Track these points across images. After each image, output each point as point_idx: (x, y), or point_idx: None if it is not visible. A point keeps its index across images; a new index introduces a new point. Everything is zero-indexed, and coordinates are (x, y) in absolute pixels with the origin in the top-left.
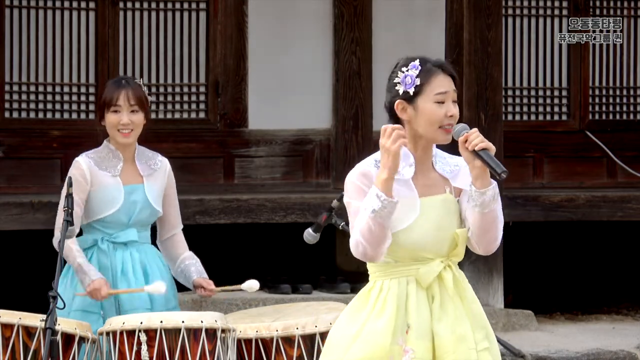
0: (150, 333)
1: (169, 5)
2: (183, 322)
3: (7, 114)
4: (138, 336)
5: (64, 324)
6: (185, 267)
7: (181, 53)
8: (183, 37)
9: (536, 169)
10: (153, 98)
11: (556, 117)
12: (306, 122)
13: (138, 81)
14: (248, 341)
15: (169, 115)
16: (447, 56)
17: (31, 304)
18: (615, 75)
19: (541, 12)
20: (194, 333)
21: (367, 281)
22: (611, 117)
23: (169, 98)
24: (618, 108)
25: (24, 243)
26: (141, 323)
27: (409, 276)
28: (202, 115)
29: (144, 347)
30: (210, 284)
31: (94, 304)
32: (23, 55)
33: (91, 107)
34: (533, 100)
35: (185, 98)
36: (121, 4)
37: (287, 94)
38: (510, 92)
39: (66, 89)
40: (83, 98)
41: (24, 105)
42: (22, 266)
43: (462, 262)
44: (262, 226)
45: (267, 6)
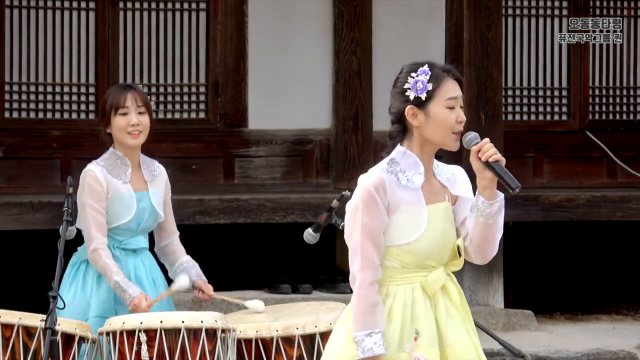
0: (150, 333)
1: (169, 5)
2: (183, 322)
3: (7, 114)
4: (138, 336)
5: (64, 324)
6: (184, 269)
7: (181, 53)
8: (183, 37)
9: (536, 169)
10: (153, 98)
11: (556, 117)
12: (306, 122)
13: (140, 85)
14: (248, 341)
15: (169, 115)
16: (447, 56)
17: (31, 304)
18: (615, 75)
19: (541, 12)
20: (194, 333)
21: None
22: (611, 117)
23: (169, 98)
24: (618, 108)
25: (24, 243)
26: (141, 323)
27: (415, 283)
28: (202, 115)
29: (144, 347)
30: (209, 289)
31: (110, 310)
32: (23, 55)
33: (91, 107)
34: (533, 100)
35: (185, 98)
36: (121, 4)
37: (287, 94)
38: (510, 92)
39: (66, 89)
40: (83, 98)
41: (24, 105)
42: (22, 266)
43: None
44: (262, 226)
45: (267, 6)
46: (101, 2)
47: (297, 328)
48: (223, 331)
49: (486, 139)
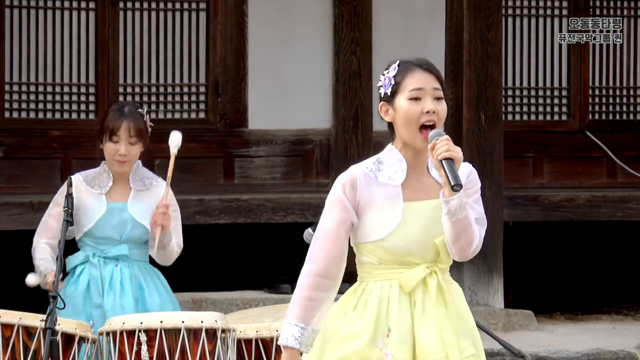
0: (150, 333)
1: (169, 5)
2: (183, 322)
3: (7, 114)
4: (138, 336)
5: (64, 324)
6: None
7: (181, 53)
8: (183, 37)
9: (536, 169)
10: (153, 98)
11: (556, 117)
12: (306, 122)
13: (141, 111)
14: (248, 341)
15: (169, 115)
16: (447, 56)
17: (31, 304)
18: (615, 75)
19: (541, 12)
20: (194, 333)
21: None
22: (611, 117)
23: (169, 98)
24: (618, 108)
25: (24, 243)
26: (141, 323)
27: (392, 279)
28: (202, 115)
29: (144, 347)
30: (162, 204)
31: (81, 313)
32: (23, 55)
33: (91, 107)
34: (533, 100)
35: (185, 98)
36: (121, 4)
37: (287, 94)
38: (510, 92)
39: (66, 89)
40: (83, 98)
41: (24, 105)
42: (22, 266)
43: (463, 262)
44: (262, 226)
45: (267, 6)
46: (101, 2)
47: None
48: (223, 331)
49: (444, 137)
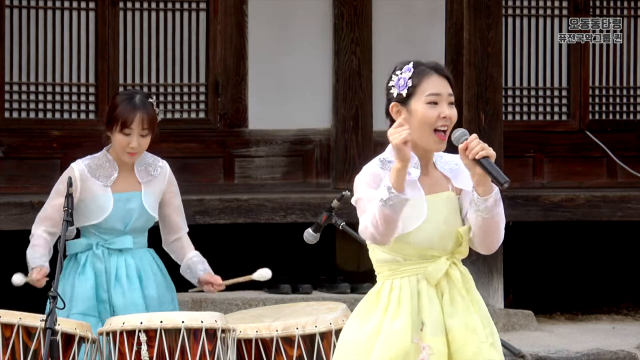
0: (150, 333)
1: (169, 5)
2: (183, 322)
3: (7, 114)
4: (138, 336)
5: (64, 324)
6: (191, 264)
7: (181, 53)
8: (183, 37)
9: (536, 169)
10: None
11: (556, 117)
12: (306, 122)
13: (151, 100)
14: (248, 341)
15: (169, 115)
16: (447, 56)
17: (31, 304)
18: (615, 75)
19: (541, 12)
20: (194, 333)
21: (367, 281)
22: (611, 117)
23: (169, 98)
24: (618, 108)
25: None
26: (141, 323)
27: (418, 274)
28: (202, 115)
29: (144, 347)
30: (217, 280)
31: (94, 308)
32: (23, 55)
33: (91, 107)
34: (533, 100)
35: (185, 98)
36: (121, 4)
37: (287, 94)
38: (510, 92)
39: (66, 89)
40: (83, 98)
41: (24, 105)
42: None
43: (463, 262)
44: (262, 226)
45: (267, 6)
46: (101, 2)
47: (297, 328)
48: (223, 331)
49: (474, 135)
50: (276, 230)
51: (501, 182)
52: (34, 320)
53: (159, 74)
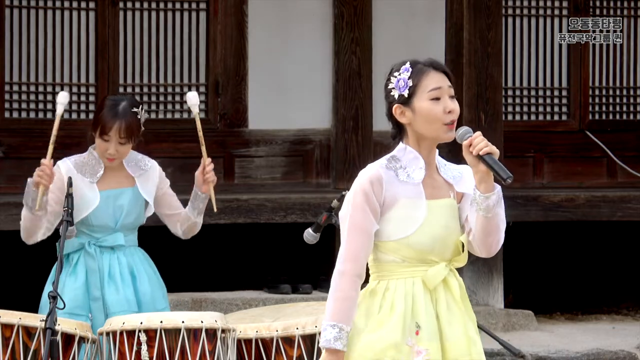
0: (150, 333)
1: (169, 5)
2: (183, 322)
3: (7, 114)
4: (138, 336)
5: (64, 324)
6: (190, 202)
7: (181, 53)
8: (183, 37)
9: (536, 169)
10: (153, 98)
11: (556, 117)
12: (306, 122)
13: (136, 110)
14: (248, 341)
15: (169, 115)
16: (447, 56)
17: (31, 304)
18: (615, 75)
19: (541, 12)
20: (194, 333)
21: (367, 281)
22: (611, 117)
23: (169, 98)
24: (618, 108)
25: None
26: (141, 323)
27: (415, 277)
28: (202, 115)
29: (144, 347)
30: (203, 169)
31: (82, 307)
32: (23, 55)
33: (91, 107)
34: (533, 100)
35: (185, 98)
36: (121, 4)
37: (287, 94)
38: (510, 92)
39: (66, 89)
40: (83, 98)
41: (24, 105)
42: (22, 266)
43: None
44: (262, 226)
45: (267, 6)
46: (101, 2)
47: (297, 328)
48: (223, 331)
49: (477, 133)
50: (276, 230)
51: (504, 177)
52: (34, 320)
53: (159, 74)
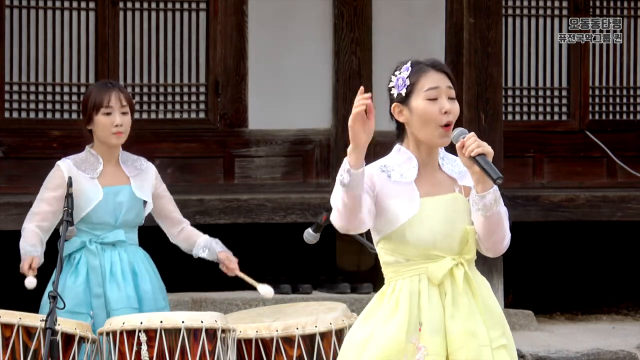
0: (150, 333)
1: (169, 5)
2: (183, 322)
3: (7, 114)
4: (138, 336)
5: (64, 324)
6: (207, 243)
7: (181, 53)
8: (183, 37)
9: (536, 169)
10: (153, 98)
11: (556, 117)
12: (306, 122)
13: (122, 84)
14: (248, 341)
15: (169, 115)
16: (447, 56)
17: (31, 304)
18: (615, 75)
19: (541, 12)
20: (194, 333)
21: (367, 281)
22: (611, 117)
23: (169, 98)
24: (618, 108)
25: None
26: (141, 323)
27: (421, 274)
28: (202, 115)
29: (144, 347)
30: (232, 263)
31: (83, 305)
32: (23, 55)
33: None
34: (533, 100)
35: (185, 98)
36: (121, 4)
37: (287, 94)
38: (510, 92)
39: (66, 89)
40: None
41: (24, 105)
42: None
43: None
44: (262, 226)
45: (267, 6)
46: (101, 2)
47: (297, 328)
48: (223, 331)
49: (471, 134)
50: (276, 230)
51: (494, 178)
52: (34, 320)
53: (159, 74)
